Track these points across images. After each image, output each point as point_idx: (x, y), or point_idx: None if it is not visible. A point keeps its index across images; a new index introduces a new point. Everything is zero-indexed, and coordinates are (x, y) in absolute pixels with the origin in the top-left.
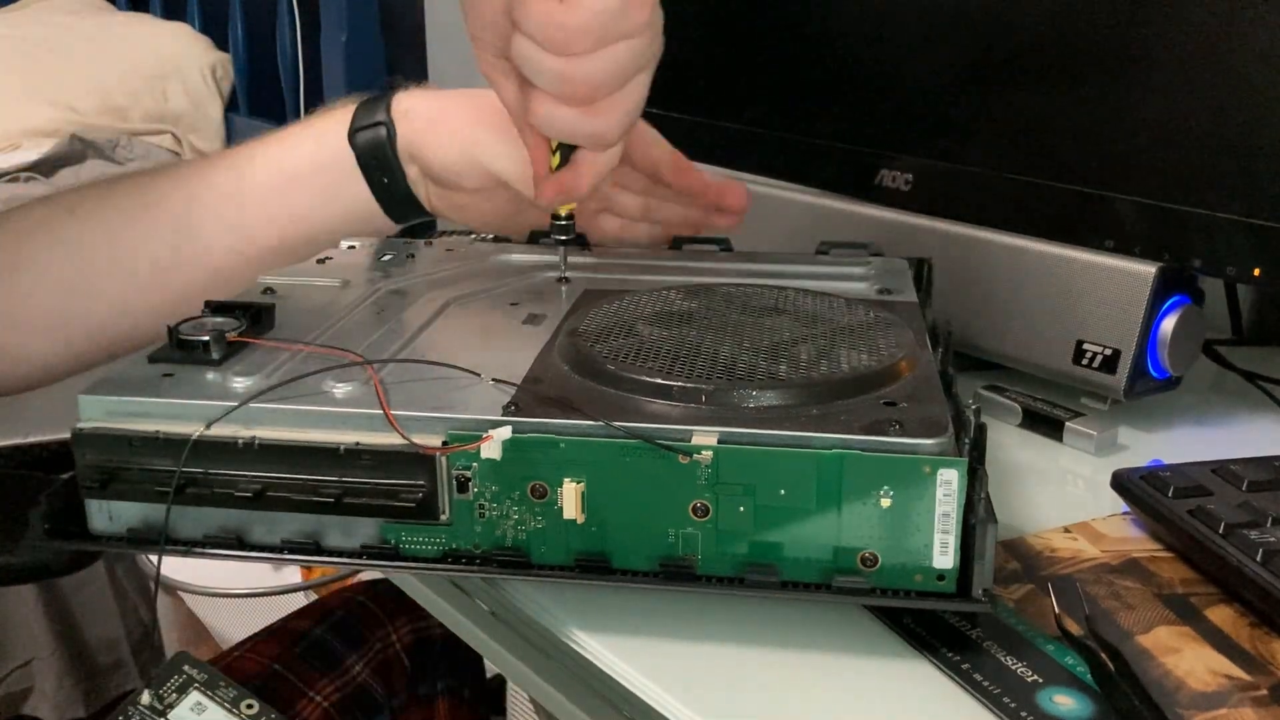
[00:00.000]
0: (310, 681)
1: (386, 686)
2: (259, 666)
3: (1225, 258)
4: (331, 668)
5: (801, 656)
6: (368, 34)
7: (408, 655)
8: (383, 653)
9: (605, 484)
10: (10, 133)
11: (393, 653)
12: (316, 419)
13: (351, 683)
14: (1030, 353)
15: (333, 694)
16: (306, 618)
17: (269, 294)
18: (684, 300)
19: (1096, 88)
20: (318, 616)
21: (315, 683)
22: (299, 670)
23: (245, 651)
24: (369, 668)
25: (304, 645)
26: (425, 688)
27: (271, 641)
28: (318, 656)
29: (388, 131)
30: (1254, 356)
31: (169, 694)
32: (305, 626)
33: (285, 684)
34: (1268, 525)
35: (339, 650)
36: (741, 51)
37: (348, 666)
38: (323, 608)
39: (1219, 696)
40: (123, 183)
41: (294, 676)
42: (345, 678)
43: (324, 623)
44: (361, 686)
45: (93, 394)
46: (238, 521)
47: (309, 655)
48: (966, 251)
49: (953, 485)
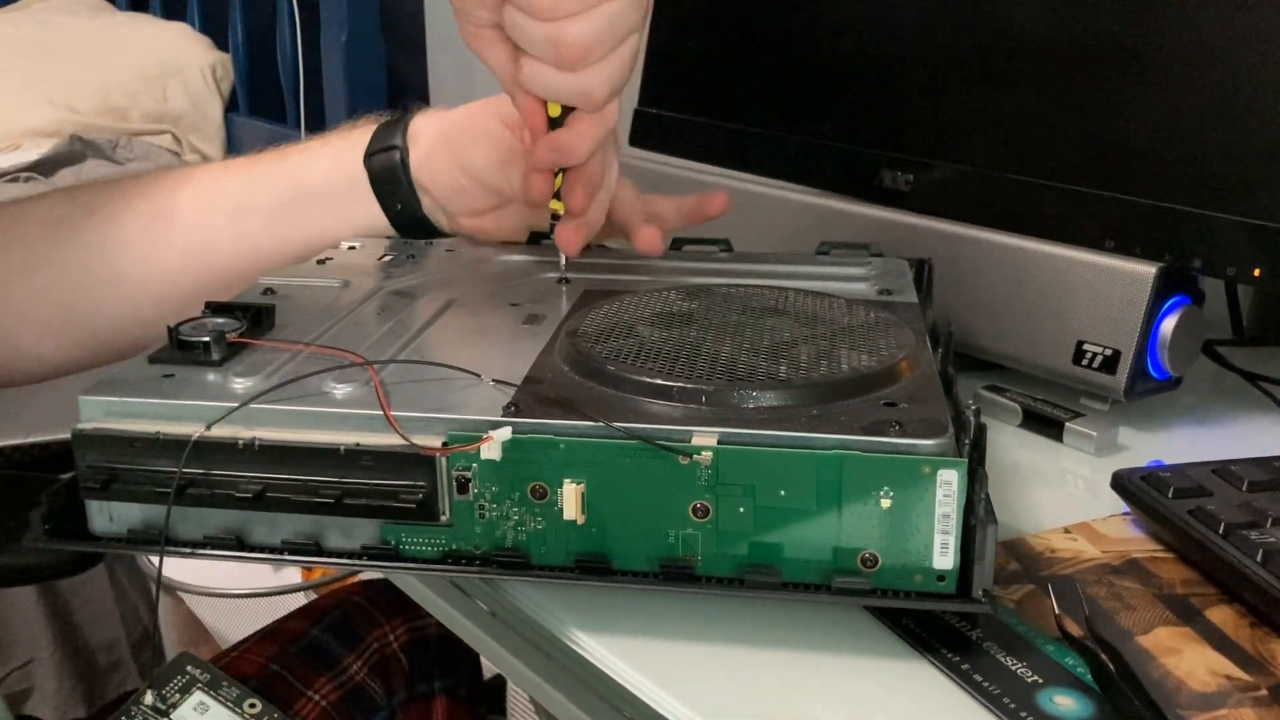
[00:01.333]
0: (308, 681)
1: (385, 686)
2: (256, 667)
3: (1225, 258)
4: (329, 667)
5: (801, 657)
6: (368, 34)
7: (405, 654)
8: (380, 652)
9: (605, 485)
10: (10, 133)
11: (390, 652)
12: (317, 420)
13: (350, 682)
14: (1030, 353)
15: (331, 693)
16: (303, 618)
17: (269, 294)
18: (684, 301)
19: (1096, 88)
20: (314, 617)
21: (313, 682)
22: (297, 670)
23: (243, 652)
24: (366, 667)
25: (301, 645)
26: (423, 687)
27: (268, 642)
28: (315, 656)
29: (401, 156)
30: (1254, 356)
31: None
32: (302, 627)
33: (283, 684)
34: (1268, 525)
35: (336, 650)
36: (742, 51)
37: (345, 666)
38: (319, 608)
39: (1219, 697)
40: (140, 186)
41: (292, 676)
42: (343, 677)
43: (321, 623)
44: (359, 686)
45: (93, 395)
46: (238, 522)
47: (306, 655)
48: (966, 251)
49: (953, 486)
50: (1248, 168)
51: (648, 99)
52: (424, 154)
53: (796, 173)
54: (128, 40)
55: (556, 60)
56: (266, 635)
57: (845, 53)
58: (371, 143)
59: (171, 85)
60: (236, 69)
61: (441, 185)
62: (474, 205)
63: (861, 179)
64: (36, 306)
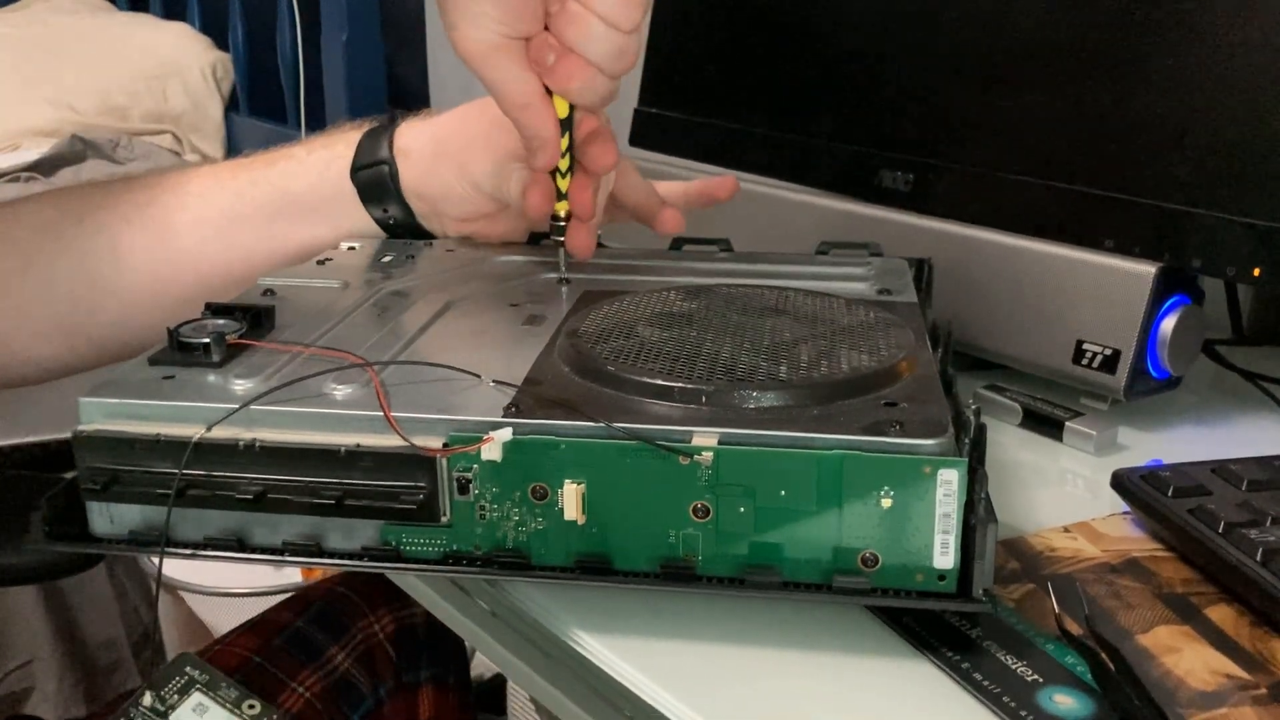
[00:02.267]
0: (292, 673)
1: (371, 676)
2: (239, 659)
3: (1225, 258)
4: (313, 658)
5: (802, 656)
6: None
7: (391, 644)
8: (365, 642)
9: (606, 485)
10: (10, 133)
11: (376, 642)
12: (317, 421)
13: (334, 673)
14: (1030, 353)
15: (315, 685)
16: (287, 609)
17: (269, 295)
18: (684, 301)
19: (1097, 88)
20: (299, 608)
21: (297, 674)
22: (280, 662)
23: (225, 645)
24: (352, 657)
25: (285, 636)
26: (409, 676)
27: (251, 634)
28: (299, 648)
29: (390, 170)
30: (1254, 356)
31: (170, 695)
32: (286, 619)
33: (266, 676)
34: (1268, 525)
35: (320, 641)
36: (742, 51)
37: (330, 657)
38: (303, 599)
39: (1219, 696)
40: (130, 194)
41: (275, 668)
42: (328, 668)
43: (305, 614)
44: (344, 676)
45: (93, 397)
46: (239, 523)
47: (290, 647)
48: (966, 251)
49: (953, 485)
50: (1248, 168)
51: (648, 99)
52: (419, 166)
53: (796, 173)
54: (128, 40)
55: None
56: (250, 628)
57: (845, 52)
58: (357, 156)
59: (171, 85)
60: (236, 69)
61: (438, 194)
62: (471, 211)
63: (861, 179)
64: (31, 311)
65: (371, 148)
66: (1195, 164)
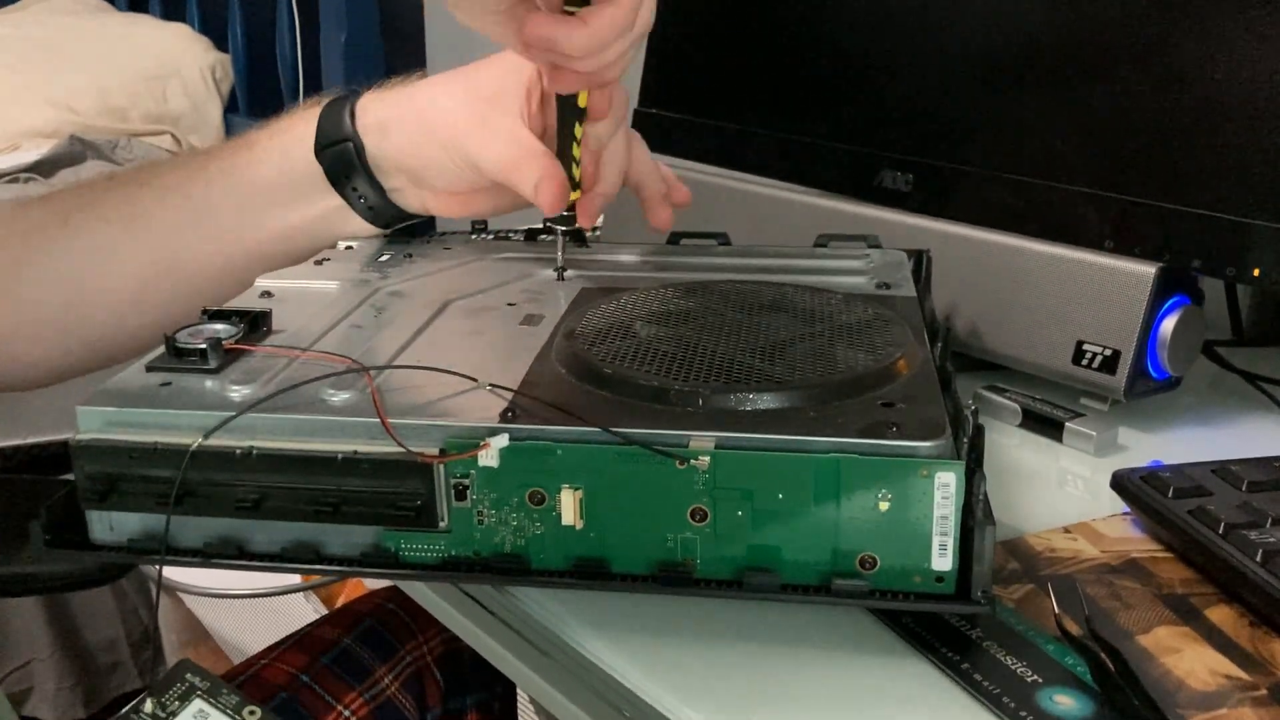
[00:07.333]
0: (338, 694)
1: (418, 701)
2: (285, 676)
3: (1225, 258)
4: (360, 679)
5: (801, 657)
6: (368, 34)
7: (439, 667)
8: (413, 665)
9: (603, 490)
10: (10, 133)
11: (424, 665)
12: (314, 428)
13: (380, 695)
14: (1030, 353)
15: (360, 708)
16: (334, 625)
17: (266, 297)
18: (681, 299)
19: (1096, 88)
20: (346, 624)
21: (343, 695)
22: (326, 682)
23: (271, 660)
24: (399, 681)
25: (333, 655)
26: (454, 702)
27: (297, 650)
28: (346, 667)
29: (355, 146)
30: (1254, 356)
31: (171, 701)
32: (333, 635)
33: (311, 695)
34: (1268, 525)
35: (368, 661)
36: (742, 51)
37: (377, 678)
38: (351, 615)
39: (1219, 696)
40: (109, 193)
41: (320, 688)
42: (374, 690)
43: (353, 631)
44: (390, 700)
45: (91, 405)
46: (237, 530)
47: (337, 666)
48: (966, 252)
49: (951, 488)
50: (1247, 168)
51: (648, 99)
52: (398, 139)
53: (796, 173)
54: (127, 41)
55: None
56: (296, 643)
57: (845, 53)
58: (319, 135)
59: (171, 86)
60: (236, 69)
61: (420, 166)
62: (460, 184)
63: (861, 179)
64: (26, 315)
65: (334, 124)
66: (1195, 164)
